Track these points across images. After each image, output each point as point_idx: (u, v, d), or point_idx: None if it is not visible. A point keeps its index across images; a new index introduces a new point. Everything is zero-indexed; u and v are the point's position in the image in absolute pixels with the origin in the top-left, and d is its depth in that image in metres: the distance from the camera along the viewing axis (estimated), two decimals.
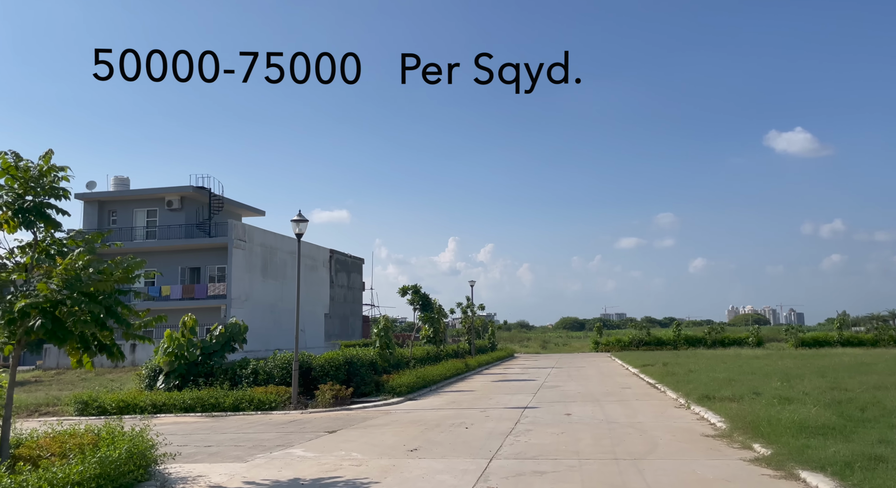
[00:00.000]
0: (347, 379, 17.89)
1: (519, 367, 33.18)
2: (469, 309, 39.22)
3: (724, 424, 10.77)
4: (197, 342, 17.54)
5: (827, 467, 6.82)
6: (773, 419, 9.70)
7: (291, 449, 10.12)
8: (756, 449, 8.64)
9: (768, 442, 8.68)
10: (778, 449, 8.11)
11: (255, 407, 15.49)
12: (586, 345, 59.46)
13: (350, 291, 57.30)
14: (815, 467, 6.97)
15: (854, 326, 60.38)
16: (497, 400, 16.89)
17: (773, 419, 9.70)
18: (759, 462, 7.91)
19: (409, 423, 12.81)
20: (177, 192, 39.61)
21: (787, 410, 10.39)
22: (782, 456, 7.75)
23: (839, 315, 56.60)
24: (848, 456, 7.05)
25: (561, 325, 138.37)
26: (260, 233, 40.80)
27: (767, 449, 8.36)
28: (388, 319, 20.86)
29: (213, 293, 37.81)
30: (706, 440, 9.82)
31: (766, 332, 63.55)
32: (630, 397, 16.77)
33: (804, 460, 7.29)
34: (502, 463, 8.58)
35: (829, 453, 7.29)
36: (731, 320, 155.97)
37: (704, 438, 9.98)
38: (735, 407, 12.02)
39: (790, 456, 7.60)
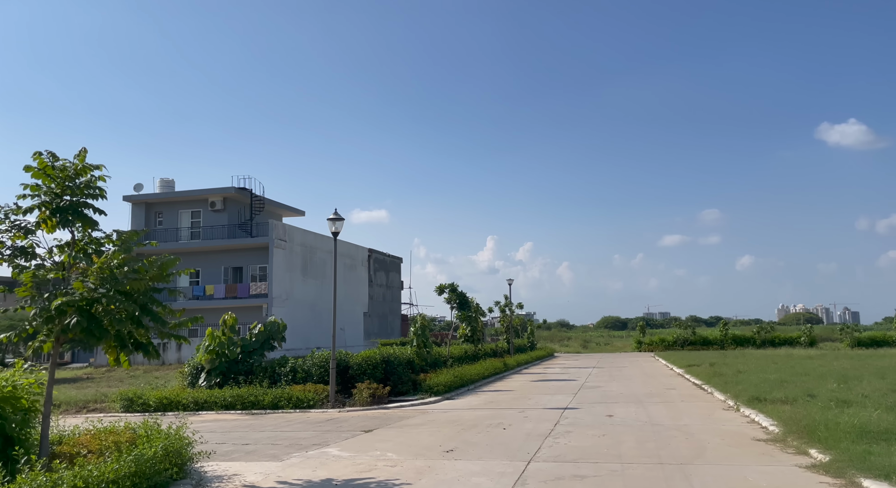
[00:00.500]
0: (385, 377, 17.83)
1: (559, 367, 32.66)
2: (507, 307, 38.85)
3: (776, 428, 10.22)
4: (237, 340, 17.76)
5: (892, 475, 6.32)
6: (830, 423, 9.13)
7: (327, 448, 10.06)
8: (813, 455, 8.13)
9: (826, 447, 8.15)
10: (837, 456, 7.59)
11: (293, 405, 15.57)
12: (628, 345, 58.26)
13: (389, 290, 57.56)
14: (878, 475, 6.47)
15: None
16: (536, 400, 16.56)
17: (830, 423, 9.13)
18: (816, 469, 7.42)
19: (445, 423, 12.63)
20: (219, 193, 40.44)
21: (845, 414, 9.78)
22: (842, 462, 7.24)
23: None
24: None
25: (602, 324, 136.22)
26: (300, 233, 41.32)
27: (825, 455, 7.84)
28: (424, 318, 20.74)
29: (255, 292, 38.46)
30: (758, 444, 9.32)
31: (819, 332, 61.00)
32: (675, 398, 16.20)
33: (866, 467, 6.78)
34: (540, 465, 8.30)
35: (894, 460, 6.76)
36: (780, 319, 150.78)
37: (756, 442, 9.48)
38: (788, 410, 11.41)
39: (850, 463, 7.09)
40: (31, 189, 7.05)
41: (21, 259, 7.11)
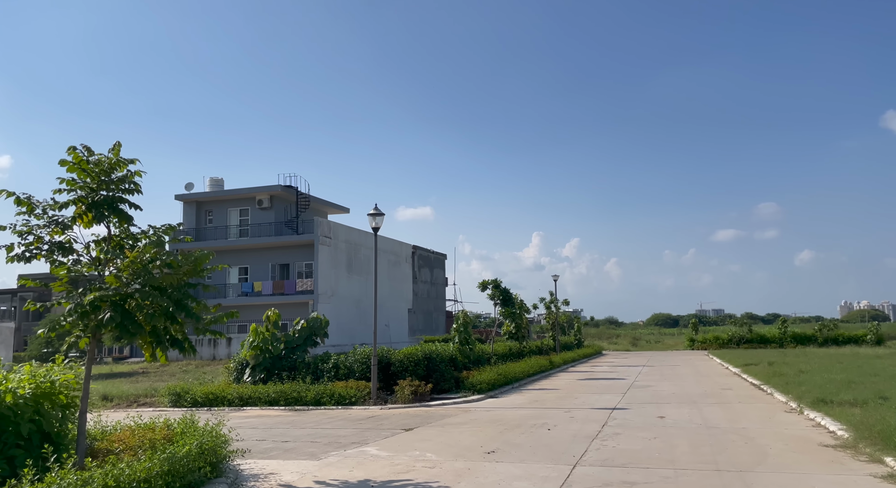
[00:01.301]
0: (427, 374, 17.58)
1: (607, 365, 31.81)
2: (553, 304, 38.10)
3: (846, 433, 9.44)
4: (280, 336, 17.84)
5: None
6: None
7: (366, 447, 9.86)
8: (889, 463, 7.40)
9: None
10: None
11: (335, 401, 15.50)
12: (680, 343, 56.48)
13: (433, 287, 57.52)
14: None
15: None
16: (582, 399, 16.01)
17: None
18: (893, 479, 6.73)
19: (487, 423, 12.27)
20: (266, 192, 41.11)
21: None
22: None
23: None
24: None
25: (652, 322, 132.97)
26: (344, 230, 41.63)
27: None
28: (466, 314, 20.41)
29: (301, 288, 38.95)
30: (825, 451, 8.60)
31: (887, 329, 57.71)
32: (731, 399, 15.38)
33: None
34: (587, 470, 7.85)
35: None
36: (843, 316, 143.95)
37: (823, 448, 8.76)
38: (858, 414, 10.56)
39: None
40: (66, 183, 7.04)
41: (59, 254, 7.11)
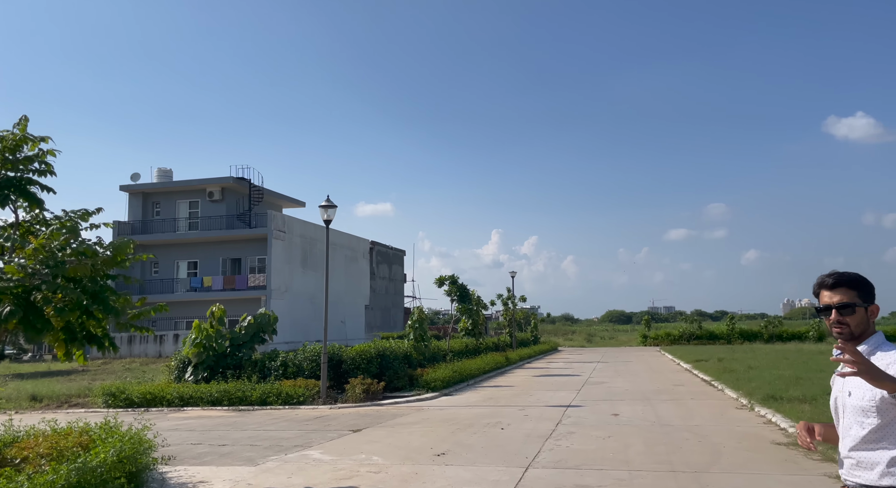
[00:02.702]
0: (380, 372, 17.07)
1: (562, 361, 31.88)
2: (510, 300, 38.05)
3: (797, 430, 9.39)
4: (226, 333, 17.02)
5: None
6: None
7: (309, 450, 9.30)
8: None
9: None
10: None
11: (282, 401, 14.83)
12: (633, 339, 57.43)
13: (392, 283, 56.86)
14: None
15: None
16: (538, 396, 15.78)
17: None
18: None
19: (440, 422, 11.85)
20: (217, 184, 39.69)
21: None
22: None
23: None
24: None
25: (607, 318, 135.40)
26: (299, 224, 40.58)
27: None
28: (422, 311, 19.96)
29: (254, 284, 37.76)
30: (778, 449, 8.50)
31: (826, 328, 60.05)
32: (684, 395, 15.38)
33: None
34: (539, 473, 7.51)
35: None
36: (786, 314, 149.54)
37: (776, 447, 8.66)
38: (809, 410, 10.60)
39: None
40: None
41: None
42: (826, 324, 2.41)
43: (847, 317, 2.32)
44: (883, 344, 2.32)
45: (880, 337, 2.36)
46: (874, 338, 2.34)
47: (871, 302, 2.35)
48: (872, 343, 2.33)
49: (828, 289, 2.40)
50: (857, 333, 2.33)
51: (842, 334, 2.35)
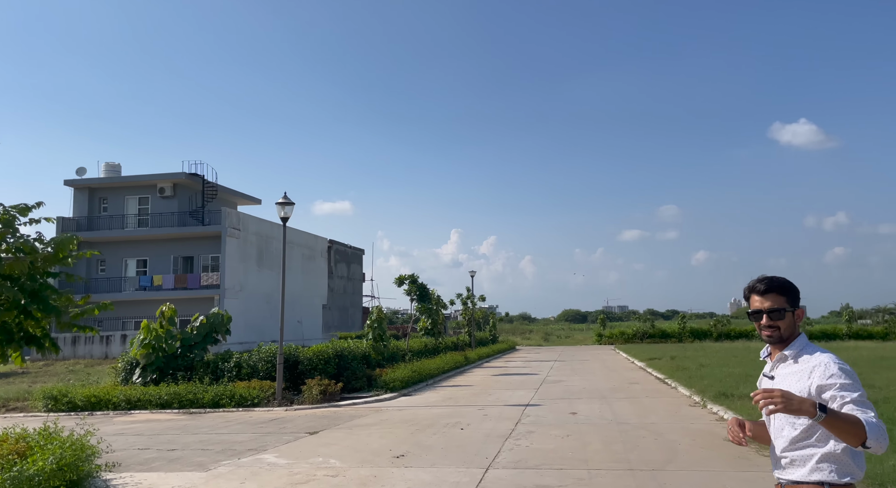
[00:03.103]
0: (338, 373, 16.80)
1: (520, 360, 32.11)
2: (469, 300, 38.13)
3: None
4: (176, 333, 16.45)
5: (887, 484, 5.68)
6: None
7: (264, 454, 9.02)
8: None
9: None
10: None
11: (236, 403, 14.42)
12: (589, 338, 58.40)
13: (350, 282, 56.28)
14: (871, 484, 5.83)
15: (860, 319, 59.25)
16: (497, 396, 15.79)
17: None
18: None
19: (399, 423, 11.71)
20: (169, 179, 38.47)
21: None
22: None
23: (843, 308, 55.42)
24: None
25: (563, 318, 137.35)
26: (255, 222, 39.70)
27: None
28: (381, 310, 19.75)
29: (207, 283, 36.74)
30: (731, 446, 8.68)
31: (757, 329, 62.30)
32: (639, 393, 15.65)
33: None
34: (499, 473, 7.46)
35: (887, 467, 6.14)
36: (733, 313, 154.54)
37: (728, 443, 8.84)
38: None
39: None
40: None
41: None
42: (756, 326, 2.49)
43: (777, 321, 2.42)
44: (806, 346, 2.42)
45: (803, 339, 2.44)
46: (798, 340, 2.42)
47: (797, 306, 2.45)
48: (797, 346, 2.41)
49: (759, 294, 2.48)
50: (786, 336, 2.41)
51: (771, 337, 2.44)
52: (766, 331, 2.45)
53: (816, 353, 2.35)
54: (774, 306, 2.42)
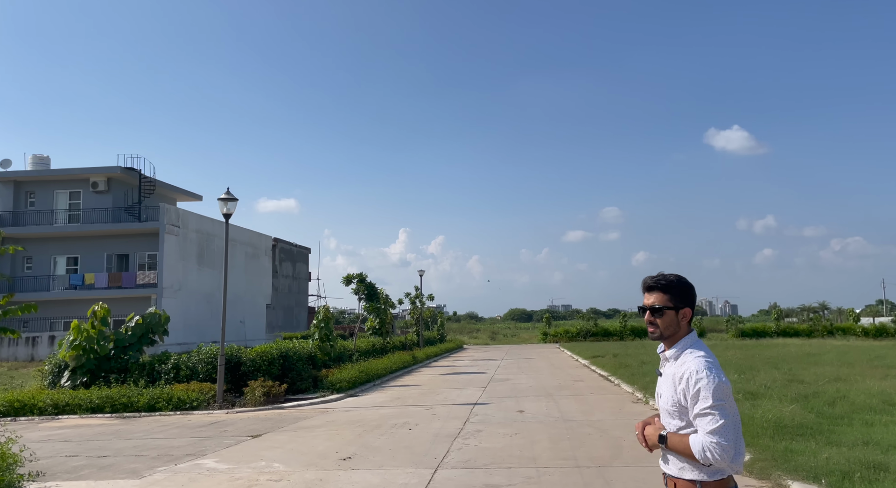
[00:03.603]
0: (282, 374, 16.38)
1: (468, 359, 32.22)
2: (418, 299, 38.03)
3: None
4: (109, 334, 15.64)
5: (821, 477, 5.92)
6: (745, 417, 8.86)
7: (203, 459, 8.65)
8: None
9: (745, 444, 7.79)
10: (758, 454, 7.21)
11: (174, 406, 13.83)
12: (535, 336, 59.27)
13: (295, 281, 55.19)
14: (806, 477, 6.06)
15: (787, 317, 62.50)
16: (445, 395, 15.75)
17: (745, 417, 8.86)
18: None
19: (346, 424, 11.48)
20: (103, 173, 36.70)
21: (758, 408, 9.61)
22: (765, 462, 6.84)
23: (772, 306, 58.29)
24: (843, 463, 6.17)
25: (509, 317, 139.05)
26: (196, 219, 38.32)
27: (745, 453, 7.46)
28: (328, 309, 19.39)
29: (143, 281, 35.25)
30: None
31: (707, 323, 65.06)
32: (584, 391, 15.92)
33: (793, 468, 6.38)
34: (448, 473, 7.39)
35: (820, 460, 6.41)
36: None
37: None
38: None
39: (774, 463, 6.69)
40: None
41: None
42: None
43: (658, 318, 2.44)
44: (690, 345, 2.42)
45: (687, 340, 2.44)
46: (682, 341, 2.43)
47: (683, 305, 2.44)
48: (679, 346, 2.43)
49: (645, 291, 2.53)
50: (667, 335, 2.44)
51: (653, 334, 2.49)
52: (649, 328, 2.49)
53: (690, 357, 2.36)
54: (656, 304, 2.44)
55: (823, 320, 53.75)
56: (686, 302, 2.44)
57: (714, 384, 2.25)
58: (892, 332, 44.50)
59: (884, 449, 6.85)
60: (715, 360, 2.35)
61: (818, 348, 28.37)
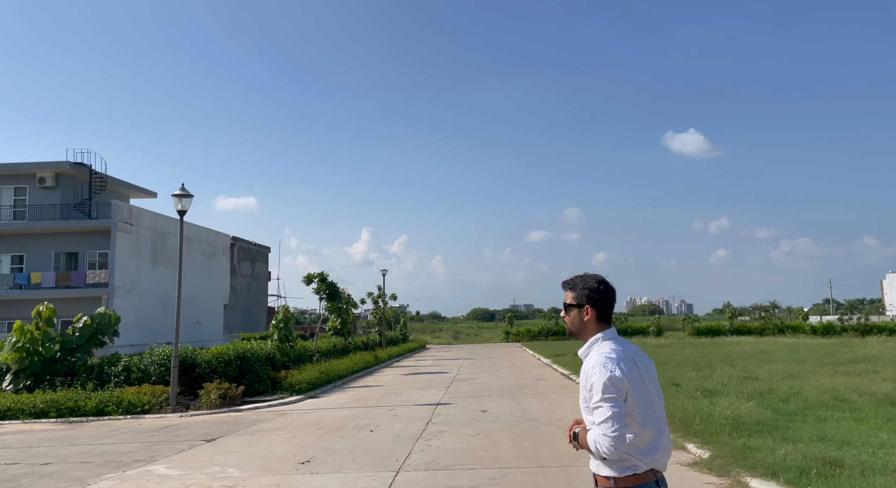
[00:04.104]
0: (239, 375, 15.94)
1: (431, 359, 32.09)
2: (381, 299, 37.72)
3: None
4: (55, 335, 14.95)
5: (779, 474, 5.99)
6: (703, 414, 8.98)
7: (153, 465, 8.28)
8: (691, 450, 7.81)
9: (703, 441, 7.87)
10: (717, 451, 7.28)
11: (124, 410, 13.28)
12: (497, 336, 59.54)
13: (255, 281, 54.13)
14: (765, 473, 6.13)
15: (740, 316, 64.43)
16: (407, 395, 15.57)
17: (703, 414, 8.98)
18: (698, 466, 7.04)
19: (305, 426, 11.21)
20: (51, 168, 35.19)
21: (717, 405, 9.75)
22: (724, 459, 6.91)
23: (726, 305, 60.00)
24: (800, 459, 6.27)
25: (472, 316, 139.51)
26: (150, 216, 37.12)
27: (704, 450, 7.53)
28: (288, 309, 18.98)
29: (94, 281, 33.92)
30: None
31: (665, 322, 66.51)
32: (546, 390, 15.97)
33: (751, 465, 6.45)
34: (411, 476, 7.24)
35: (777, 456, 6.49)
36: (629, 310, 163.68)
37: None
38: None
39: (733, 460, 6.76)
40: None
41: None
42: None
43: (565, 316, 2.56)
44: (597, 342, 2.46)
45: (597, 336, 2.48)
46: (592, 338, 2.48)
47: (585, 304, 2.49)
48: (589, 343, 2.49)
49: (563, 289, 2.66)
50: (574, 331, 2.54)
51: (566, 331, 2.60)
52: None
53: (594, 354, 2.41)
54: (565, 302, 2.56)
55: (774, 318, 55.50)
56: (589, 301, 2.47)
57: (605, 378, 2.27)
58: (838, 330, 46.28)
59: (838, 444, 7.01)
60: (619, 355, 2.34)
61: (770, 346, 29.21)
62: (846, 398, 10.55)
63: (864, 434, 7.64)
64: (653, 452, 2.31)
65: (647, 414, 2.33)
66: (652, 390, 2.38)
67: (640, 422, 2.31)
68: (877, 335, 42.48)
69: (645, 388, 2.35)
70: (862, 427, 8.15)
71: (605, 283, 2.51)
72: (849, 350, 23.57)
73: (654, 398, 2.37)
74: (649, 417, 2.32)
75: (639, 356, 2.44)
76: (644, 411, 2.32)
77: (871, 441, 7.16)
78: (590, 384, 2.31)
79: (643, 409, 2.32)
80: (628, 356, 2.37)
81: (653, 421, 2.33)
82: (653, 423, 2.33)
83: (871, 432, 7.73)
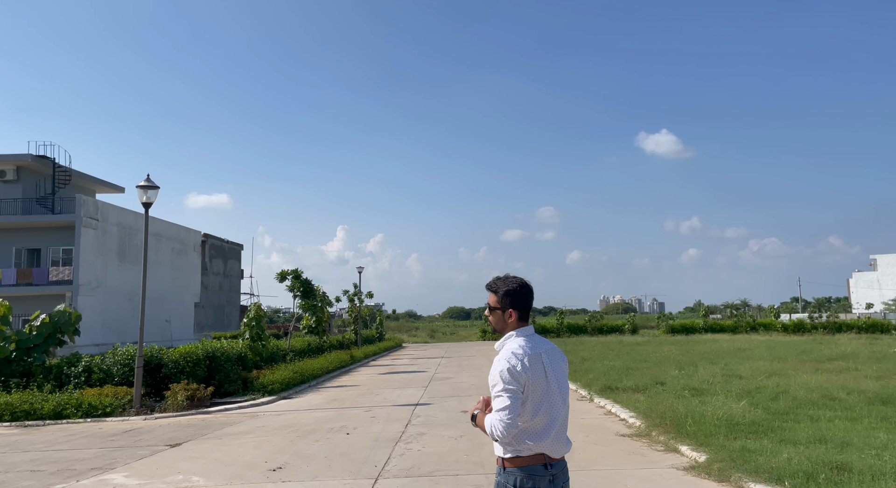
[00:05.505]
0: (208, 376, 15.25)
1: (408, 358, 31.55)
2: (356, 297, 37.06)
3: (637, 421, 9.66)
4: (10, 334, 14.09)
5: (784, 479, 5.65)
6: (695, 415, 8.66)
7: (111, 473, 7.65)
8: (685, 453, 7.46)
9: (698, 443, 7.53)
10: (714, 454, 6.93)
11: (84, 413, 12.53)
12: (473, 334, 59.22)
13: (227, 279, 52.97)
14: (769, 479, 5.79)
15: (712, 314, 65.20)
16: (385, 396, 15.05)
17: (695, 415, 8.66)
18: (695, 471, 6.67)
19: (277, 430, 10.63)
20: (11, 162, 33.77)
21: (707, 404, 9.45)
22: (722, 463, 6.56)
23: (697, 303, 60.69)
24: (805, 463, 5.93)
25: (448, 315, 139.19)
26: (117, 212, 35.87)
27: (699, 453, 7.18)
28: (260, 307, 18.30)
29: (57, 278, 32.62)
30: (624, 441, 8.59)
31: (640, 320, 66.97)
32: None
33: (753, 469, 6.11)
34: (390, 483, 6.75)
35: (780, 460, 6.16)
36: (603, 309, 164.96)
37: (621, 439, 8.76)
38: (644, 400, 11.04)
39: (733, 464, 6.41)
40: None
41: None
42: None
43: (490, 315, 2.75)
44: (509, 338, 2.68)
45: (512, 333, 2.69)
46: (507, 335, 2.70)
47: (508, 307, 2.69)
48: (504, 339, 2.71)
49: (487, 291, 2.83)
50: (497, 330, 2.74)
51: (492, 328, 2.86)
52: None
53: (504, 349, 2.65)
54: (489, 303, 2.75)
55: (746, 316, 56.20)
56: (512, 304, 2.68)
57: (503, 369, 2.52)
58: (808, 328, 46.98)
59: (838, 446, 6.72)
60: (525, 351, 2.56)
61: (746, 343, 29.35)
62: (835, 396, 10.36)
63: (862, 434, 7.38)
64: (543, 437, 2.53)
65: (543, 405, 2.53)
66: (554, 385, 2.58)
67: (531, 412, 2.52)
68: (846, 332, 43.20)
69: (546, 383, 2.56)
70: (857, 427, 7.90)
71: (526, 286, 2.72)
72: (825, 347, 23.71)
73: (553, 392, 2.57)
74: (543, 407, 2.53)
75: (549, 353, 2.64)
76: (539, 402, 2.53)
77: (872, 442, 6.89)
78: (492, 374, 2.56)
79: (540, 401, 2.53)
80: (536, 353, 2.59)
81: (547, 412, 2.54)
82: (547, 413, 2.54)
83: (869, 432, 7.48)
